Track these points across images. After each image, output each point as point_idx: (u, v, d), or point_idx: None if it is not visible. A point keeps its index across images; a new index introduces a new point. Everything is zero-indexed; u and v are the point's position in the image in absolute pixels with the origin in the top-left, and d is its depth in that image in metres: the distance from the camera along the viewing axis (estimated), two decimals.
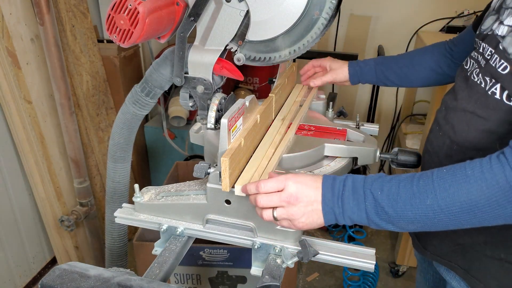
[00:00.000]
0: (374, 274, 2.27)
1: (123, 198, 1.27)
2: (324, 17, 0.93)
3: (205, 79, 0.99)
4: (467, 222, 0.71)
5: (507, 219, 0.70)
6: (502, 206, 0.67)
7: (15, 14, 1.80)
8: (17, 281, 2.11)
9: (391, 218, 0.74)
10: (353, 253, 0.90)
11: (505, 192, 0.66)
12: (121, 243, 1.38)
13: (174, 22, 0.96)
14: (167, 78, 1.04)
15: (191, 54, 0.98)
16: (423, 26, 2.51)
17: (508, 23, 0.83)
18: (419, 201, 0.71)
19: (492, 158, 0.69)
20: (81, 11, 2.10)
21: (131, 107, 1.10)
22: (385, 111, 2.90)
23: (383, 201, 0.74)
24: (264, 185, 0.79)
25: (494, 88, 0.83)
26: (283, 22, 0.94)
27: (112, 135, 1.17)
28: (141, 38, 0.89)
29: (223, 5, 0.94)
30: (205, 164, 0.93)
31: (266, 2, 0.92)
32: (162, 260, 0.91)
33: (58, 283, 0.76)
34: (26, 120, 1.91)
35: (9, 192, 2.00)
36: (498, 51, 0.83)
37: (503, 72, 0.81)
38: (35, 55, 1.93)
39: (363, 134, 1.16)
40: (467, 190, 0.68)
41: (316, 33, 0.95)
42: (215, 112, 1.01)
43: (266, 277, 0.84)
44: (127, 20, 0.87)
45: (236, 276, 1.89)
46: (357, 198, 0.76)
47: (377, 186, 0.75)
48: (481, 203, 0.68)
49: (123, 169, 1.23)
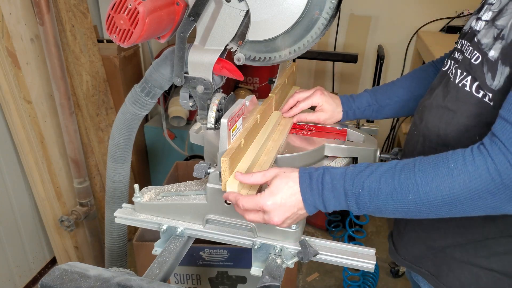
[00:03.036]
0: (374, 274, 2.27)
1: (123, 198, 1.27)
2: (324, 17, 0.93)
3: (205, 79, 0.99)
4: (446, 213, 0.72)
5: (486, 211, 0.70)
6: (483, 198, 0.68)
7: (15, 14, 1.80)
8: (17, 281, 2.11)
9: (373, 211, 0.76)
10: (353, 253, 0.89)
11: (487, 184, 0.66)
12: (121, 243, 1.38)
13: (174, 22, 0.96)
14: (167, 78, 1.04)
15: (191, 54, 0.98)
16: (423, 26, 2.51)
17: (485, 18, 0.84)
18: (401, 196, 0.72)
19: (473, 150, 0.69)
20: (81, 11, 2.10)
21: (131, 107, 1.10)
22: None
23: (365, 198, 0.74)
24: (243, 204, 0.81)
25: (465, 80, 0.83)
26: (283, 22, 0.94)
27: (112, 135, 1.16)
28: (141, 38, 0.88)
29: (223, 5, 0.94)
30: (205, 164, 0.93)
31: (266, 2, 0.92)
32: (162, 260, 0.91)
33: (58, 283, 0.76)
34: (26, 120, 1.91)
35: (9, 192, 1.99)
36: (473, 44, 0.84)
37: (475, 62, 0.81)
38: (35, 55, 1.93)
39: (363, 134, 1.16)
40: (449, 184, 0.68)
41: (316, 33, 0.95)
42: (215, 112, 1.01)
43: (266, 277, 0.84)
44: (127, 20, 0.86)
45: (236, 276, 1.89)
46: (338, 196, 0.76)
47: (357, 184, 0.75)
48: (463, 196, 0.68)
49: (123, 169, 1.22)
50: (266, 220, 0.80)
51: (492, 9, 0.82)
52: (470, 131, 0.83)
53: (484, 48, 0.79)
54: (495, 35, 0.78)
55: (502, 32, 0.76)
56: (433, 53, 2.06)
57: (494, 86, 0.77)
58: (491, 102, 0.78)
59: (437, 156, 0.72)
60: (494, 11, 0.81)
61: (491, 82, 0.77)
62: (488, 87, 0.78)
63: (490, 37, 0.79)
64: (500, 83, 0.76)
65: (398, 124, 2.85)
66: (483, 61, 0.79)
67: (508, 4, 0.78)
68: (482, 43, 0.80)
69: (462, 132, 0.85)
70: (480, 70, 0.80)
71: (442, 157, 0.71)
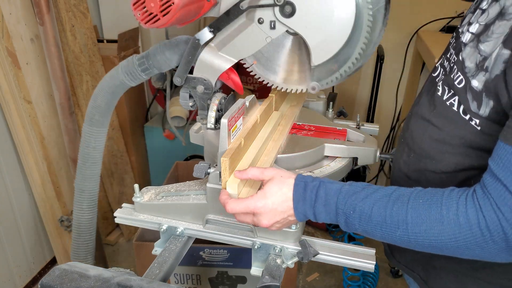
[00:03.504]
0: (374, 274, 2.27)
1: (97, 166, 1.20)
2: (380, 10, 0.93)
3: (205, 79, 0.99)
4: (432, 252, 0.74)
5: (474, 258, 0.72)
6: (471, 249, 0.69)
7: (15, 14, 1.80)
8: (17, 281, 2.11)
9: (361, 232, 0.77)
10: (353, 253, 0.90)
11: (476, 238, 0.67)
12: (90, 214, 1.27)
13: (197, 15, 0.94)
14: (170, 64, 1.01)
15: (204, 53, 0.97)
16: (423, 26, 2.51)
17: (472, 30, 0.80)
18: (390, 230, 0.73)
19: (468, 200, 0.69)
20: (81, 11, 2.10)
21: (122, 75, 1.05)
22: (385, 111, 2.89)
23: (355, 220, 0.75)
24: (231, 207, 0.81)
25: (452, 99, 0.82)
26: (340, 35, 0.92)
27: (94, 97, 1.11)
28: (164, 26, 0.86)
29: (254, 24, 0.93)
30: (205, 164, 0.93)
31: (316, 24, 0.90)
32: (162, 260, 0.91)
33: (58, 283, 0.76)
34: (26, 120, 1.91)
35: (9, 192, 1.99)
36: (457, 62, 0.81)
37: (459, 86, 0.79)
38: (35, 55, 1.93)
39: (363, 134, 1.16)
40: (439, 231, 0.69)
41: (377, 26, 0.94)
42: (215, 112, 1.01)
43: (266, 277, 0.84)
44: (158, 6, 0.83)
45: (236, 276, 1.89)
46: (329, 211, 0.77)
47: (350, 206, 0.75)
48: (451, 245, 0.70)
49: (100, 134, 1.16)
50: (255, 222, 0.81)
51: (480, 21, 0.79)
52: (456, 150, 0.83)
53: (468, 73, 0.77)
54: (477, 61, 0.75)
55: (485, 63, 0.73)
56: (433, 53, 2.06)
57: (481, 114, 0.75)
58: (479, 127, 0.77)
59: (432, 195, 0.72)
60: (481, 24, 0.78)
61: (477, 110, 0.76)
62: (474, 113, 0.76)
63: (473, 62, 0.76)
64: (486, 113, 0.74)
65: (398, 124, 2.85)
66: (467, 88, 0.77)
67: (494, 24, 0.74)
68: (466, 65, 0.78)
69: (446, 149, 0.84)
70: (464, 96, 0.78)
71: (436, 200, 0.71)
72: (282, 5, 0.90)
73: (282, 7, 0.91)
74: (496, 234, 0.66)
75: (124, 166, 2.56)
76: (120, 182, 2.56)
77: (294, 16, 0.91)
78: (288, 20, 0.91)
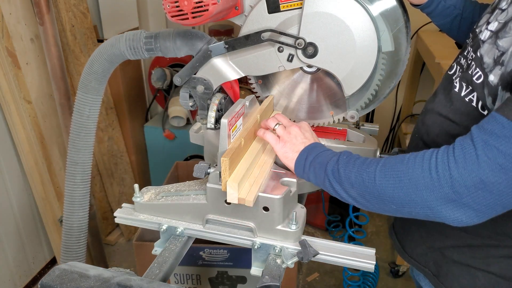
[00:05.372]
0: (374, 274, 2.27)
1: (90, 137, 1.16)
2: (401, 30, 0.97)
3: (205, 79, 0.99)
4: (391, 199, 0.75)
5: (420, 208, 0.73)
6: (418, 189, 0.71)
7: (15, 14, 1.80)
8: (17, 281, 2.11)
9: (338, 178, 0.80)
10: (353, 253, 0.90)
11: (425, 177, 0.70)
12: (84, 189, 1.22)
13: (221, 19, 0.95)
14: (176, 53, 1.00)
15: (216, 58, 0.98)
16: (423, 26, 2.51)
17: (491, 27, 0.82)
18: (365, 167, 0.78)
19: (433, 150, 0.73)
20: (81, 11, 2.10)
21: (124, 48, 1.03)
22: (385, 111, 2.90)
23: (339, 166, 0.81)
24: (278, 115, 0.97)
25: (471, 95, 0.83)
26: (366, 64, 0.94)
27: (91, 62, 1.08)
28: (189, 25, 0.87)
29: (272, 49, 0.94)
30: (205, 164, 0.93)
31: (340, 58, 0.92)
32: (162, 260, 0.91)
33: (58, 283, 0.76)
34: (26, 120, 1.91)
35: (9, 192, 1.99)
36: (476, 58, 0.83)
37: (477, 81, 0.81)
38: (35, 55, 1.93)
39: (363, 134, 1.16)
40: (401, 169, 0.74)
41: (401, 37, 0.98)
42: (215, 112, 1.01)
43: (266, 277, 0.84)
44: (191, 6, 0.84)
45: (236, 276, 1.89)
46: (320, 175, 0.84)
47: (335, 162, 0.82)
48: (404, 181, 0.72)
49: (94, 102, 1.12)
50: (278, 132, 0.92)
51: (499, 19, 0.80)
52: None
53: (486, 69, 0.79)
54: (495, 57, 0.77)
55: (502, 58, 0.75)
56: (433, 53, 2.06)
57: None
58: None
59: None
60: (500, 22, 0.80)
61: (492, 106, 0.78)
62: (490, 109, 0.78)
63: (491, 57, 0.78)
64: None
65: (398, 124, 2.85)
66: (484, 83, 0.79)
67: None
68: (484, 61, 0.80)
69: None
70: (481, 91, 0.80)
71: (405, 155, 0.76)
72: (304, 47, 0.92)
73: (304, 50, 0.93)
74: (443, 176, 0.68)
75: (124, 166, 2.56)
76: (120, 182, 2.56)
77: (318, 55, 0.93)
78: (312, 60, 0.94)
